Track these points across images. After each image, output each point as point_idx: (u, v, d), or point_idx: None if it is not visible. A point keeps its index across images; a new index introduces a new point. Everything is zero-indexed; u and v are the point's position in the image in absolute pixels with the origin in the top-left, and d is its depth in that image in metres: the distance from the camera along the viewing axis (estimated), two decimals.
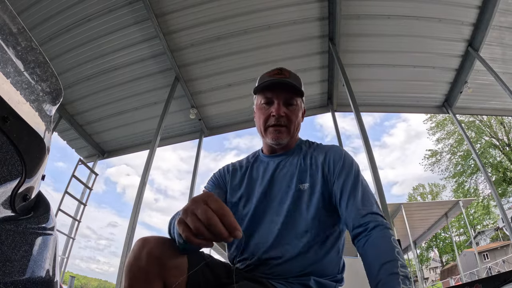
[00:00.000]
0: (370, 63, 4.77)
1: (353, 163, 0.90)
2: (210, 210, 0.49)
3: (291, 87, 0.93)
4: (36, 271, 0.46)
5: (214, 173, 1.05)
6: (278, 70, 0.95)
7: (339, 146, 0.98)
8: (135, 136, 5.66)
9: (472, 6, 3.98)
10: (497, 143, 16.39)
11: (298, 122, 0.97)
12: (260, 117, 0.95)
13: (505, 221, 4.33)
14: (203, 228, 0.48)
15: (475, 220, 21.58)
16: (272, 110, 0.91)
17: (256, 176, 0.96)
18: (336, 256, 0.84)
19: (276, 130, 0.92)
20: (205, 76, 4.79)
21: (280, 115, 0.91)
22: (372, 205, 0.79)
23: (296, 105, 0.95)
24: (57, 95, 0.62)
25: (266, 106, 0.94)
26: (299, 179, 0.88)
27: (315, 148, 0.98)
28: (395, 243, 0.71)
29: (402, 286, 0.64)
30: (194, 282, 0.71)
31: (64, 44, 4.17)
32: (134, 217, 3.51)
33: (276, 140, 0.92)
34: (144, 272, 0.65)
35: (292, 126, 0.94)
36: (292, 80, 0.94)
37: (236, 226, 0.49)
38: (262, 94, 0.95)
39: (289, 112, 0.93)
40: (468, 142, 5.45)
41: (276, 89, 0.93)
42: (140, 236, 0.72)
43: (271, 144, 0.95)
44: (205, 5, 3.95)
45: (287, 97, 0.93)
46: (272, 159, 0.98)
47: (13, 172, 0.45)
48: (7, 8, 0.49)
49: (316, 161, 0.91)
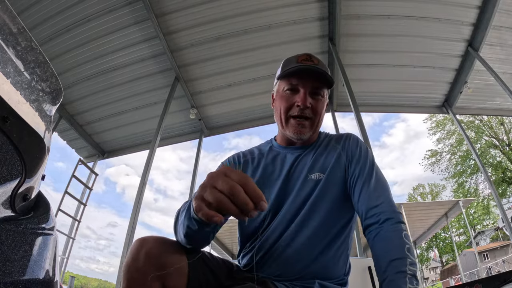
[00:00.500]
0: (370, 63, 4.77)
1: (368, 152, 0.87)
2: (232, 180, 0.45)
3: (321, 75, 0.83)
4: (36, 271, 0.46)
5: (222, 162, 0.98)
6: (307, 56, 0.85)
7: (354, 134, 0.93)
8: (135, 136, 5.66)
9: (472, 6, 3.98)
10: (497, 143, 16.39)
11: (323, 116, 0.89)
12: (282, 105, 0.86)
13: (505, 221, 4.33)
14: (226, 199, 0.44)
15: (475, 220, 21.59)
16: (297, 100, 0.83)
17: (271, 169, 0.89)
18: (345, 255, 0.83)
19: (299, 123, 0.84)
20: (205, 76, 4.79)
21: (305, 106, 0.82)
22: (386, 196, 0.76)
23: (323, 96, 0.87)
24: (57, 95, 0.62)
25: (290, 94, 0.85)
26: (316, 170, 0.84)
27: (331, 138, 0.94)
28: (407, 238, 0.69)
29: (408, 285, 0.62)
30: (194, 283, 0.71)
31: (64, 44, 4.17)
32: (134, 217, 3.51)
33: (298, 135, 0.85)
34: (142, 273, 0.64)
35: (317, 119, 0.86)
36: (322, 68, 0.84)
37: (261, 196, 0.44)
38: (286, 80, 0.86)
39: (315, 103, 0.84)
40: (468, 142, 5.44)
41: (303, 76, 0.83)
42: (140, 236, 0.71)
43: (292, 138, 0.88)
44: (205, 5, 3.95)
45: (314, 86, 0.84)
46: (290, 151, 0.90)
47: (13, 172, 0.45)
48: (7, 8, 0.49)
49: (333, 151, 0.87)
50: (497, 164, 16.16)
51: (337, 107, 5.33)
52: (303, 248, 0.77)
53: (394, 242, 0.68)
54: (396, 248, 0.67)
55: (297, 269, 0.77)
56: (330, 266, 0.78)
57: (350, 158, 0.85)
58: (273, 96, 0.94)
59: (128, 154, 6.08)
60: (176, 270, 0.68)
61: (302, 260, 0.77)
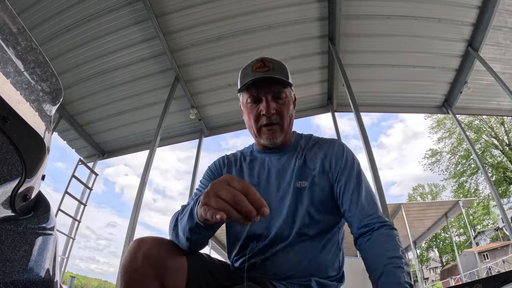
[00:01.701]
0: (370, 63, 4.77)
1: (355, 159, 0.88)
2: (234, 190, 0.48)
3: (277, 79, 0.85)
4: (36, 271, 0.46)
5: (209, 166, 1.01)
6: (261, 62, 0.88)
7: (340, 141, 0.93)
8: (135, 136, 5.66)
9: (472, 6, 3.98)
10: (497, 143, 16.39)
11: (291, 115, 0.92)
12: (250, 117, 0.89)
13: (505, 221, 4.33)
14: (230, 207, 0.47)
15: (475, 220, 21.59)
16: (262, 109, 0.85)
17: (251, 173, 0.92)
18: (336, 249, 0.84)
19: (269, 130, 0.87)
20: (205, 76, 4.79)
21: (270, 114, 0.85)
22: (377, 207, 0.79)
23: (285, 97, 0.88)
24: (57, 95, 0.62)
25: (253, 105, 0.87)
26: (298, 177, 0.85)
27: (314, 143, 0.94)
28: (400, 243, 0.71)
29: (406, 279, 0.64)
30: (194, 283, 0.70)
31: (64, 44, 4.17)
32: (134, 217, 3.51)
33: (272, 140, 0.88)
34: (140, 274, 0.63)
35: (285, 122, 0.88)
36: (277, 71, 0.87)
37: (263, 202, 0.48)
38: (247, 92, 0.88)
39: (280, 107, 0.87)
40: (468, 142, 5.45)
41: (261, 85, 0.85)
42: (139, 236, 0.71)
43: (267, 145, 0.91)
44: (205, 5, 3.95)
45: (274, 91, 0.86)
46: (268, 155, 0.94)
47: (13, 172, 0.45)
48: (7, 8, 0.49)
49: (315, 157, 0.88)
50: (497, 164, 16.15)
51: (337, 107, 5.33)
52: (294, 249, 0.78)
53: (389, 243, 0.70)
54: (392, 249, 0.69)
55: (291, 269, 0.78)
56: (323, 263, 0.80)
57: (334, 166, 0.86)
58: (241, 107, 0.95)
59: (128, 154, 6.08)
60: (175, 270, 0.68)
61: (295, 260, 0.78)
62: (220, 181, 0.50)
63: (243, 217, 0.47)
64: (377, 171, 3.14)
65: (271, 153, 0.94)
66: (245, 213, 0.47)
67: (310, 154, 0.90)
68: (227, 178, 0.50)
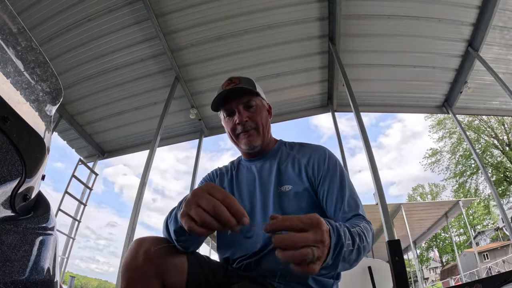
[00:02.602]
0: (370, 63, 4.76)
1: (337, 164, 0.90)
2: (215, 199, 0.49)
3: (242, 90, 0.93)
4: (36, 271, 0.46)
5: (204, 177, 1.07)
6: (228, 81, 0.96)
7: (322, 146, 0.97)
8: (135, 136, 5.66)
9: (472, 6, 3.98)
10: (497, 143, 16.38)
11: (266, 121, 0.98)
12: (228, 129, 0.97)
13: (505, 221, 4.33)
14: (210, 218, 0.48)
15: (475, 220, 21.59)
16: (235, 119, 0.93)
17: (239, 181, 0.97)
18: None
19: (245, 135, 0.93)
20: (205, 76, 4.79)
21: (244, 121, 0.92)
22: (358, 208, 0.79)
23: (256, 105, 0.95)
24: (57, 95, 0.62)
25: (229, 118, 0.95)
26: (281, 182, 0.88)
27: (298, 149, 0.98)
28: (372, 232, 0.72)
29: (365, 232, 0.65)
30: (193, 281, 0.71)
31: (64, 44, 4.17)
32: (134, 217, 3.51)
33: (249, 144, 0.93)
34: (141, 272, 0.64)
35: (260, 126, 0.94)
36: (244, 84, 0.94)
37: (243, 212, 0.49)
38: (221, 108, 0.97)
39: (252, 114, 0.94)
40: (468, 142, 5.45)
41: (230, 98, 0.93)
42: (140, 236, 0.72)
43: (247, 151, 0.96)
44: (205, 5, 3.95)
45: (244, 101, 0.94)
46: (253, 163, 0.98)
47: (13, 172, 0.45)
48: (7, 8, 0.49)
49: (299, 163, 0.91)
50: (497, 164, 16.15)
51: (337, 107, 5.33)
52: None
53: (359, 223, 0.70)
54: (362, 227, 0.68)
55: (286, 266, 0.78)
56: None
57: (317, 170, 0.88)
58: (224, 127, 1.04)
59: (128, 154, 6.08)
60: (175, 269, 0.69)
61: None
62: (201, 189, 0.51)
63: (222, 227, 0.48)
64: (377, 171, 3.13)
65: (255, 160, 0.99)
66: (225, 223, 0.48)
67: (293, 159, 0.93)
68: (208, 187, 0.51)
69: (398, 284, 2.10)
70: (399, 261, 2.22)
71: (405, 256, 15.72)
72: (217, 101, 0.94)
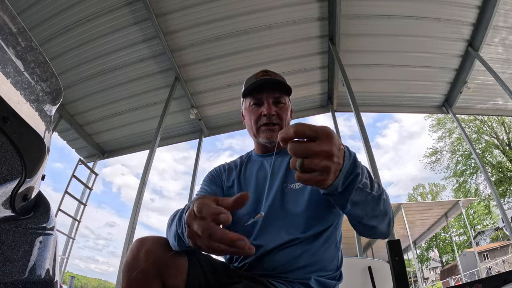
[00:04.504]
0: (370, 63, 4.76)
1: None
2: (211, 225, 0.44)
3: (278, 85, 0.94)
4: (36, 271, 0.46)
5: (210, 171, 1.06)
6: (264, 72, 0.97)
7: None
8: (135, 136, 5.66)
9: (472, 6, 3.98)
10: (498, 143, 16.38)
11: (289, 120, 0.98)
12: (251, 118, 0.96)
13: (505, 221, 4.33)
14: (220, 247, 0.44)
15: (475, 220, 21.59)
16: (263, 110, 0.93)
17: (249, 176, 0.96)
18: (334, 249, 0.85)
19: (269, 129, 0.93)
20: (205, 76, 4.79)
21: (271, 114, 0.92)
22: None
23: (285, 103, 0.97)
24: (57, 95, 0.62)
25: (256, 107, 0.95)
26: (291, 179, 0.88)
27: None
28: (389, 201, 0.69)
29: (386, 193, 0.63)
30: (194, 281, 0.71)
31: (64, 44, 4.17)
32: (134, 217, 3.51)
33: (270, 139, 0.93)
34: (142, 272, 0.64)
35: (284, 124, 0.95)
36: (278, 79, 0.96)
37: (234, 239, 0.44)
38: (250, 96, 0.97)
39: (280, 111, 0.94)
40: (468, 142, 5.45)
41: (264, 89, 0.94)
42: (139, 236, 0.72)
43: (265, 143, 0.96)
44: (205, 5, 3.95)
45: (276, 96, 0.95)
46: (265, 158, 0.98)
47: (13, 172, 0.45)
48: (7, 8, 0.49)
49: None
50: (497, 164, 16.15)
51: (337, 107, 5.32)
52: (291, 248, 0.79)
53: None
54: None
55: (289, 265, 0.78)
56: (321, 261, 0.80)
57: None
58: (242, 113, 1.04)
59: (128, 154, 6.08)
60: (176, 269, 0.69)
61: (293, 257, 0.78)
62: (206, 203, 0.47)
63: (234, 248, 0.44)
64: (377, 171, 3.14)
65: (266, 156, 0.98)
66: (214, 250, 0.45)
67: None
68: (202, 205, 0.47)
69: (398, 284, 2.10)
70: (399, 261, 2.22)
71: (405, 256, 15.71)
72: (250, 88, 0.94)
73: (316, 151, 0.45)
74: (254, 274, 0.79)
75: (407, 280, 2.17)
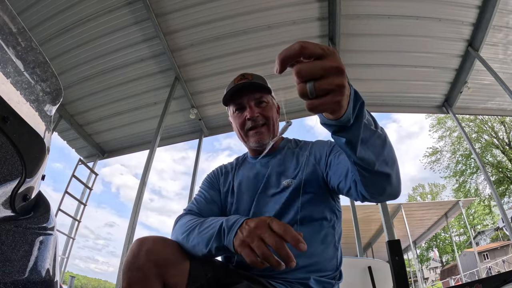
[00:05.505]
0: (370, 63, 4.76)
1: None
2: (276, 235, 0.51)
3: (256, 86, 0.93)
4: (36, 271, 0.46)
5: (208, 174, 1.07)
6: (241, 76, 0.96)
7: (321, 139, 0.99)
8: (135, 136, 5.66)
9: (472, 6, 3.98)
10: (498, 143, 16.38)
11: (276, 118, 0.97)
12: (237, 124, 0.95)
13: (505, 221, 4.33)
14: (270, 253, 0.51)
15: (475, 220, 21.59)
16: (246, 114, 0.92)
17: (244, 178, 0.97)
18: (333, 248, 0.84)
19: (256, 132, 0.92)
20: (205, 76, 4.79)
21: (254, 116, 0.91)
22: None
23: (268, 102, 0.95)
24: (57, 95, 0.62)
25: (239, 113, 0.94)
26: (287, 177, 0.88)
27: (302, 145, 0.98)
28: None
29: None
30: (195, 281, 0.71)
31: (64, 44, 4.17)
32: (134, 217, 3.51)
33: (259, 142, 0.92)
34: (142, 272, 0.64)
35: (271, 123, 0.94)
36: (256, 80, 0.95)
37: (299, 239, 0.51)
38: (232, 103, 0.96)
39: (263, 111, 0.93)
40: (468, 142, 5.44)
41: (243, 93, 0.93)
42: (139, 236, 0.72)
43: (255, 148, 0.96)
44: (205, 5, 3.95)
45: (256, 97, 0.94)
46: (259, 160, 0.99)
47: (13, 172, 0.45)
48: (7, 8, 0.49)
49: (303, 156, 0.92)
50: (497, 164, 16.15)
51: None
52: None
53: None
54: None
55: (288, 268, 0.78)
56: (320, 261, 0.80)
57: (319, 156, 0.88)
58: (231, 122, 1.03)
59: (128, 154, 6.08)
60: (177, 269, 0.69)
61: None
62: (263, 222, 0.54)
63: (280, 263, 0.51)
64: None
65: (262, 158, 0.98)
66: (284, 258, 0.51)
67: (297, 154, 0.94)
68: (269, 220, 0.54)
69: (398, 284, 2.10)
70: (399, 261, 2.22)
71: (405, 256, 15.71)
72: (229, 95, 0.93)
73: (331, 67, 0.40)
74: (252, 274, 0.79)
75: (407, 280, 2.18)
